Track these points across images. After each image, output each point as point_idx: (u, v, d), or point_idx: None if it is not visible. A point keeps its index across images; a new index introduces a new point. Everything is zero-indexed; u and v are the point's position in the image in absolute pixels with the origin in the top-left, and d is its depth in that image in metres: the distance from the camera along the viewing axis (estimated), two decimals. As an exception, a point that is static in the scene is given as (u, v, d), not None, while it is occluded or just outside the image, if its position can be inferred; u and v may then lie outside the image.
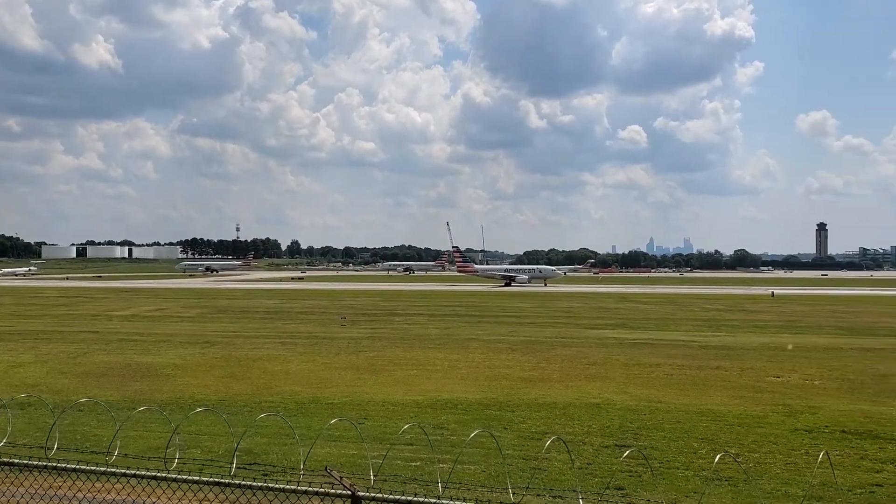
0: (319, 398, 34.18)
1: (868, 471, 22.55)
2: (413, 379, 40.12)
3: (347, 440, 24.92)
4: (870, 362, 47.21)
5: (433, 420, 29.30)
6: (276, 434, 25.92)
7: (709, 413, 31.12)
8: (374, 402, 33.21)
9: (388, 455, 22.01)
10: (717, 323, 79.16)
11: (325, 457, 22.48)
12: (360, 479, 11.90)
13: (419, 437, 23.96)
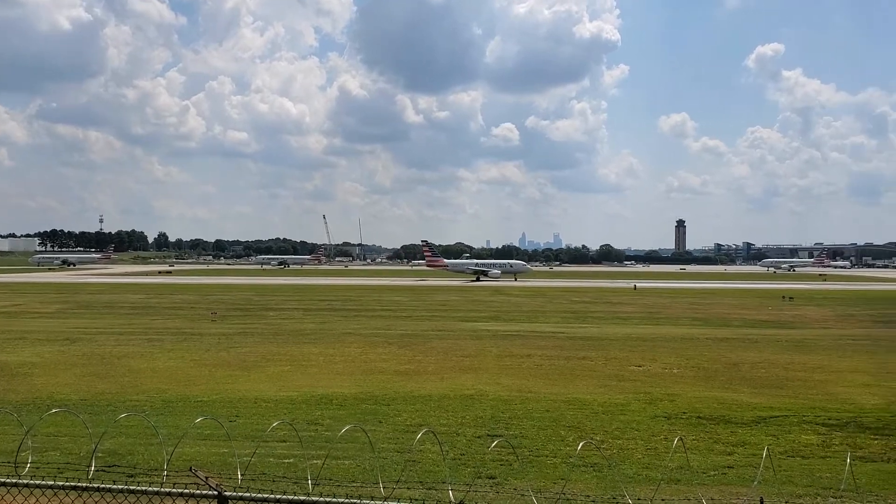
0: (188, 396, 33.10)
1: (721, 454, 24.10)
2: (287, 375, 39.53)
3: (218, 438, 24.27)
4: (723, 351, 50.41)
5: (307, 416, 29.00)
6: (141, 434, 24.93)
7: (576, 402, 32.35)
8: (246, 399, 32.50)
9: (261, 453, 21.62)
10: (583, 315, 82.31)
11: (193, 456, 21.83)
12: (229, 479, 11.66)
13: (293, 433, 23.66)
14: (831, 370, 42.29)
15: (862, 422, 28.97)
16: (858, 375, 40.37)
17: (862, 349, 52.18)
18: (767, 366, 43.91)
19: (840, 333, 63.53)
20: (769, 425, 28.34)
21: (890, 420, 29.23)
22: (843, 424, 28.48)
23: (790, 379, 39.31)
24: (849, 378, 39.56)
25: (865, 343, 56.02)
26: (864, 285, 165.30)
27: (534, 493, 17.06)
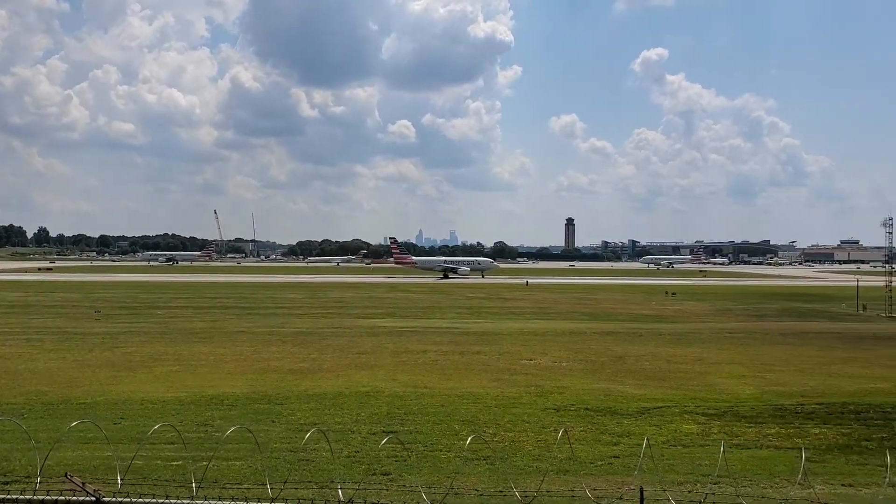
0: (70, 398, 31.60)
1: (607, 444, 25.00)
2: (176, 375, 38.34)
3: (100, 442, 23.26)
4: (609, 344, 52.24)
5: (197, 417, 28.24)
6: (19, 439, 23.62)
7: (470, 396, 32.83)
8: (132, 400, 31.31)
9: (147, 455, 20.93)
10: (478, 310, 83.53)
11: (74, 461, 20.89)
12: (108, 484, 11.24)
13: (183, 434, 23.00)
14: (710, 362, 44.53)
15: (738, 411, 30.64)
16: (735, 367, 42.65)
17: (738, 342, 55.14)
18: (651, 358, 45.80)
19: (718, 327, 66.91)
20: (653, 416, 29.59)
21: (763, 409, 31.03)
22: (721, 414, 30.04)
23: (672, 371, 41.15)
24: (726, 369, 41.74)
25: (741, 336, 59.22)
26: (740, 281, 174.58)
27: (424, 489, 17.20)
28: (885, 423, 28.77)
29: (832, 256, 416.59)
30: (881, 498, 17.21)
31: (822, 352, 49.62)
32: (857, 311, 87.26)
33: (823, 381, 37.87)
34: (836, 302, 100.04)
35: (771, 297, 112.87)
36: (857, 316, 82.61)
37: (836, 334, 61.21)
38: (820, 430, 27.43)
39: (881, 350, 51.09)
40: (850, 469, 22.26)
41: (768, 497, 18.24)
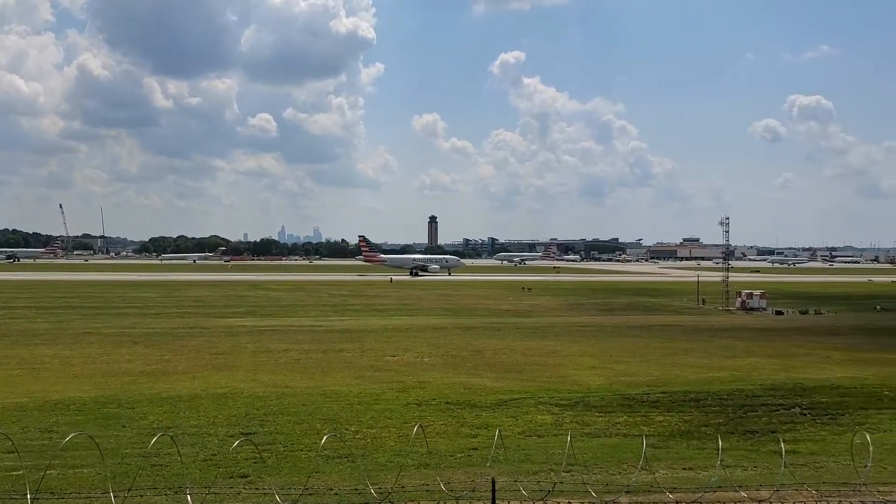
0: None
1: (466, 437, 25.63)
2: (16, 380, 35.91)
3: (-72, 455, 21.51)
4: (469, 339, 53.42)
5: (40, 424, 26.59)
6: None
7: (332, 394, 32.71)
8: (-35, 408, 29.04)
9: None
10: (342, 308, 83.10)
11: None
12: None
13: (25, 442, 21.63)
14: (563, 355, 46.45)
15: (589, 401, 32.17)
16: (586, 359, 44.70)
17: (589, 335, 57.79)
18: (509, 352, 47.26)
19: (571, 321, 69.81)
20: (510, 407, 30.57)
21: (612, 399, 32.72)
22: (573, 404, 31.44)
23: (528, 363, 42.63)
24: (578, 361, 43.68)
25: (592, 329, 62.08)
26: (591, 277, 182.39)
27: (278, 491, 17.05)
28: (722, 409, 31.04)
29: (675, 253, 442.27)
30: (714, 479, 18.62)
31: (665, 343, 52.82)
32: (698, 304, 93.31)
33: (667, 371, 40.34)
34: (679, 296, 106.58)
35: (619, 292, 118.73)
36: (697, 309, 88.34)
37: (678, 327, 65.30)
38: (664, 418, 29.24)
39: (718, 341, 54.97)
40: (691, 453, 23.89)
41: (613, 483, 19.31)
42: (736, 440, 25.81)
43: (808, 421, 29.09)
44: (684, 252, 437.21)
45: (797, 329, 64.38)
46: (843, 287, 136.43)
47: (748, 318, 77.89)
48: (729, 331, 62.90)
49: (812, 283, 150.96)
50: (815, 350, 49.79)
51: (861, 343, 54.01)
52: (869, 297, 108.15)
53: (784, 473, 19.95)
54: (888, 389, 35.32)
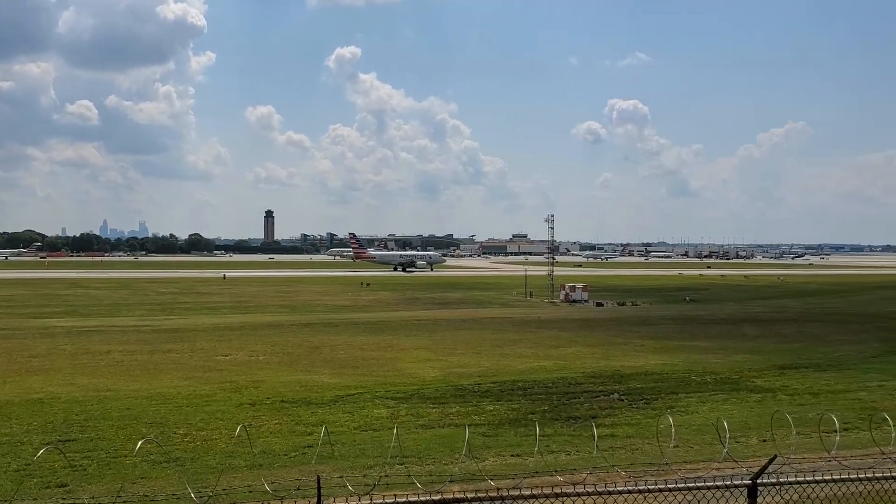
0: None
1: (302, 434, 25.48)
2: None
3: None
4: (306, 336, 52.95)
5: None
6: None
7: (159, 396, 31.40)
8: None
9: None
10: (171, 306, 79.67)
11: None
12: None
13: None
14: (400, 348, 47.12)
15: (424, 393, 32.89)
16: (422, 352, 45.58)
17: (425, 328, 58.91)
18: (346, 347, 47.31)
19: (408, 315, 70.85)
20: (346, 403, 30.68)
21: (446, 390, 33.62)
22: (408, 397, 32.03)
23: (365, 358, 42.90)
24: (414, 354, 44.47)
25: (427, 323, 63.31)
26: (427, 272, 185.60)
27: (88, 500, 16.30)
28: (547, 397, 32.71)
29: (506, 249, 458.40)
30: (535, 465, 19.74)
31: (496, 335, 54.80)
32: (526, 297, 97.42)
33: (497, 362, 41.92)
34: (508, 290, 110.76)
35: (454, 286, 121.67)
36: (525, 302, 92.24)
37: (508, 319, 67.91)
38: (494, 407, 30.43)
39: (545, 332, 57.70)
40: (518, 441, 25.03)
41: (442, 473, 19.93)
42: (560, 426, 27.35)
43: (626, 406, 31.27)
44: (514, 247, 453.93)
45: (615, 320, 68.74)
46: (656, 280, 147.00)
47: (571, 309, 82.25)
48: (554, 322, 66.14)
49: (629, 277, 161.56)
50: (632, 339, 53.41)
51: (672, 332, 58.49)
52: (679, 289, 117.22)
53: (600, 457, 21.46)
54: (695, 374, 38.57)
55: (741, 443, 24.62)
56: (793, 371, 39.87)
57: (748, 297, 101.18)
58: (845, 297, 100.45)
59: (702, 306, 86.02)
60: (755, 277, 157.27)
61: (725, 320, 67.68)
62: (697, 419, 28.48)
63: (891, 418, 27.57)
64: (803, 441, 20.60)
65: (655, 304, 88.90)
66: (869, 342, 51.61)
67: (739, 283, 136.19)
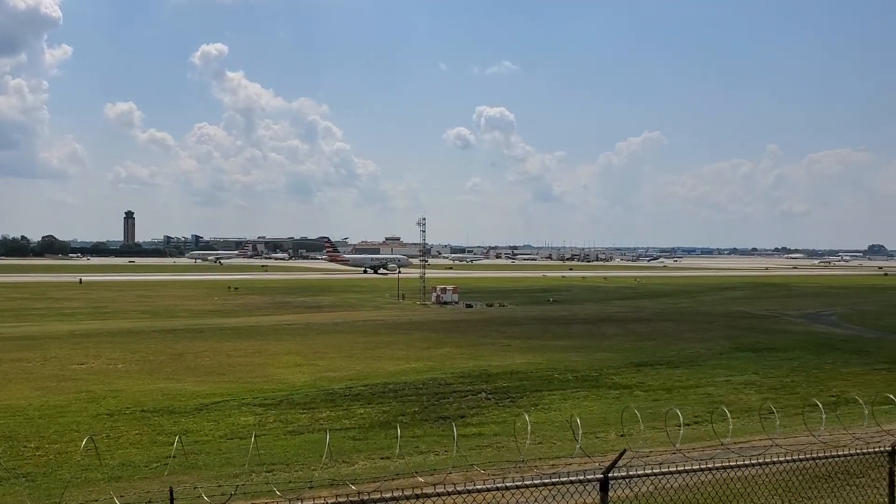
0: None
1: (163, 445, 24.63)
2: None
3: None
4: (169, 343, 50.99)
5: None
6: None
7: (7, 409, 29.50)
8: None
9: None
10: (21, 312, 74.74)
11: None
12: None
13: None
14: (269, 354, 46.28)
15: (293, 399, 32.51)
16: (292, 357, 44.98)
17: (296, 333, 58.08)
18: (212, 353, 45.98)
19: (277, 319, 69.59)
20: (211, 411, 29.89)
21: (316, 395, 33.38)
22: (277, 403, 31.57)
23: (232, 365, 41.87)
24: (284, 360, 43.82)
25: (299, 327, 62.43)
26: (299, 275, 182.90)
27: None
28: (418, 398, 33.13)
29: (378, 251, 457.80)
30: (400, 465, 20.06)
31: (368, 338, 54.82)
32: (398, 300, 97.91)
33: (369, 365, 41.99)
34: (381, 292, 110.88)
35: (326, 289, 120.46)
36: (397, 304, 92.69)
37: (380, 322, 68.03)
38: (364, 410, 30.53)
39: (416, 334, 58.21)
40: (389, 443, 25.22)
41: (309, 479, 19.81)
42: (430, 427, 27.80)
43: (493, 404, 32.15)
44: (387, 250, 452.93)
45: (484, 321, 70.28)
46: (522, 282, 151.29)
47: (442, 311, 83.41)
48: (425, 324, 66.85)
49: (497, 279, 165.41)
50: (499, 339, 54.80)
51: (537, 332, 60.42)
52: (544, 290, 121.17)
53: (467, 455, 22.00)
54: (558, 373, 40.09)
55: (600, 438, 25.89)
56: (648, 368, 42.17)
57: (607, 298, 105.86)
58: (695, 298, 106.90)
59: (564, 307, 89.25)
60: (614, 279, 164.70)
61: (586, 320, 70.57)
62: (559, 416, 29.66)
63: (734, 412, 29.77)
64: (656, 435, 21.94)
65: (521, 305, 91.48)
66: (717, 340, 55.23)
67: (599, 285, 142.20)
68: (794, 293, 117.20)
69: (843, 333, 61.38)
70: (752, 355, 47.54)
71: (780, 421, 26.10)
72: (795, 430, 20.10)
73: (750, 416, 28.56)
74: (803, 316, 76.18)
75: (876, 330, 64.23)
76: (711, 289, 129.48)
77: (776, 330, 62.81)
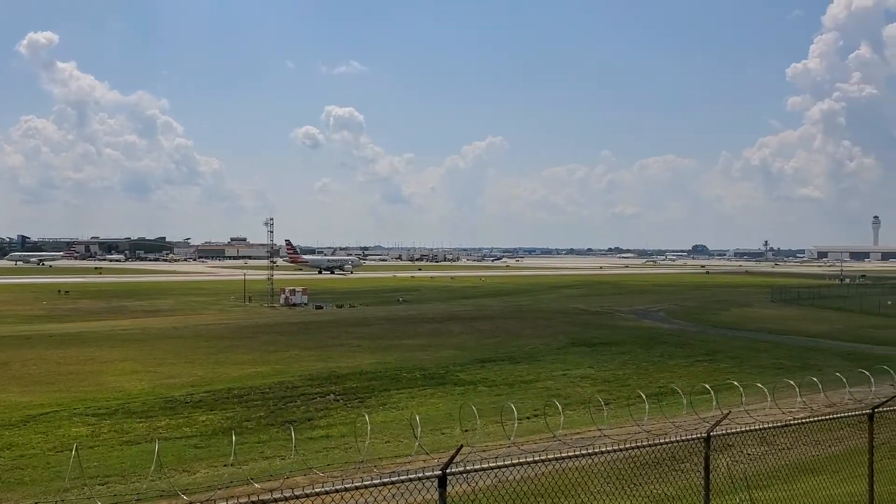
0: None
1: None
2: None
3: None
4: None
5: None
6: None
7: None
8: None
9: None
10: None
11: None
12: None
13: None
14: (103, 361, 43.88)
15: (129, 407, 31.11)
16: (128, 364, 42.88)
17: (132, 339, 55.35)
18: (40, 361, 43.08)
19: (113, 325, 65.94)
20: (39, 423, 28.12)
21: (154, 403, 32.09)
22: (112, 412, 30.11)
23: (63, 373, 39.42)
24: (119, 367, 41.71)
25: (135, 333, 59.50)
26: (136, 277, 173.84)
27: None
28: (264, 402, 32.60)
29: (224, 252, 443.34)
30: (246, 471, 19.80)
31: (212, 343, 53.14)
32: (245, 302, 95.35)
33: (212, 370, 40.79)
34: (227, 295, 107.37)
35: (166, 292, 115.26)
36: (244, 307, 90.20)
37: (225, 326, 66.08)
38: (207, 417, 29.70)
39: (263, 337, 56.97)
40: (233, 450, 24.72)
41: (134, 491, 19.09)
42: (276, 431, 27.46)
43: (341, 406, 32.18)
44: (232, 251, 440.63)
45: (334, 322, 69.89)
46: (372, 282, 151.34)
47: (291, 313, 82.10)
48: (273, 326, 65.62)
49: (347, 280, 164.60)
50: (349, 340, 54.74)
51: (386, 332, 60.83)
52: (393, 290, 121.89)
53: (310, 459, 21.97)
54: (406, 371, 40.66)
55: (446, 434, 26.60)
56: (492, 364, 43.61)
57: (454, 297, 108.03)
58: (536, 296, 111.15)
59: (413, 306, 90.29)
60: (461, 279, 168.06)
61: (434, 319, 71.80)
62: (407, 414, 30.14)
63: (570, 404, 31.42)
64: (499, 429, 22.82)
65: (372, 306, 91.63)
66: (555, 336, 57.83)
67: (447, 285, 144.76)
68: (626, 291, 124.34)
69: (670, 328, 65.95)
70: (588, 350, 50.24)
71: (612, 412, 27.91)
72: (624, 420, 21.52)
73: (585, 407, 30.22)
74: (634, 312, 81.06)
75: (698, 324, 69.49)
76: (550, 287, 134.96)
77: (609, 326, 66.58)
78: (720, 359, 47.02)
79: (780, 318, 75.29)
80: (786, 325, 68.37)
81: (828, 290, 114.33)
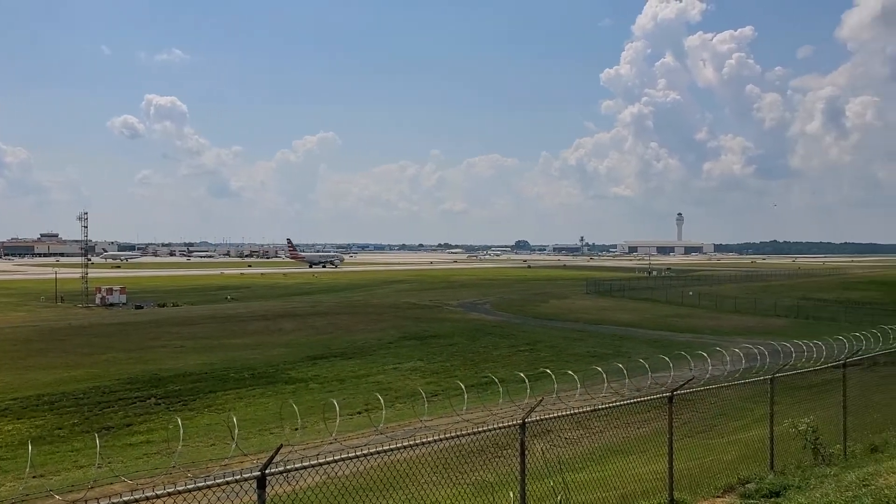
0: None
1: None
2: None
3: None
4: None
5: None
6: None
7: None
8: None
9: None
10: None
11: None
12: None
13: None
14: None
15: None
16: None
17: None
18: None
19: None
20: None
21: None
22: None
23: None
24: None
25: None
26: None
27: None
28: (77, 409, 30.81)
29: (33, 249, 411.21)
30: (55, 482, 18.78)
31: (18, 347, 49.31)
32: (57, 303, 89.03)
33: (19, 376, 37.96)
34: (35, 296, 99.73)
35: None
36: (55, 307, 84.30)
37: (33, 328, 61.43)
38: (14, 426, 27.74)
39: (76, 340, 53.47)
40: (43, 460, 23.39)
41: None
42: (91, 439, 26.06)
43: (163, 410, 31.03)
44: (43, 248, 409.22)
45: (155, 322, 66.77)
46: (198, 280, 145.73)
47: (108, 313, 77.68)
48: (88, 328, 61.75)
49: (172, 278, 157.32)
50: (172, 341, 52.55)
51: (212, 331, 58.79)
52: (221, 288, 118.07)
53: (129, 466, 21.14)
54: (234, 371, 39.72)
55: (275, 434, 26.38)
56: (323, 361, 43.52)
57: (287, 294, 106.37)
58: (369, 291, 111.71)
59: (243, 304, 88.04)
60: (293, 275, 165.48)
61: (264, 316, 70.35)
62: (234, 416, 29.55)
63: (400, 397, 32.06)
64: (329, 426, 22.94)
65: (198, 305, 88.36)
66: (387, 330, 58.48)
67: (278, 282, 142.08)
68: (455, 285, 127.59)
69: (494, 320, 68.50)
70: (418, 343, 51.26)
71: (439, 403, 28.78)
72: (445, 411, 22.33)
73: (414, 400, 30.95)
74: (462, 305, 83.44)
75: (521, 316, 72.65)
76: (383, 282, 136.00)
77: (439, 319, 68.17)
78: (540, 348, 49.53)
79: (595, 309, 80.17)
80: (600, 316, 72.95)
81: (637, 282, 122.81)
